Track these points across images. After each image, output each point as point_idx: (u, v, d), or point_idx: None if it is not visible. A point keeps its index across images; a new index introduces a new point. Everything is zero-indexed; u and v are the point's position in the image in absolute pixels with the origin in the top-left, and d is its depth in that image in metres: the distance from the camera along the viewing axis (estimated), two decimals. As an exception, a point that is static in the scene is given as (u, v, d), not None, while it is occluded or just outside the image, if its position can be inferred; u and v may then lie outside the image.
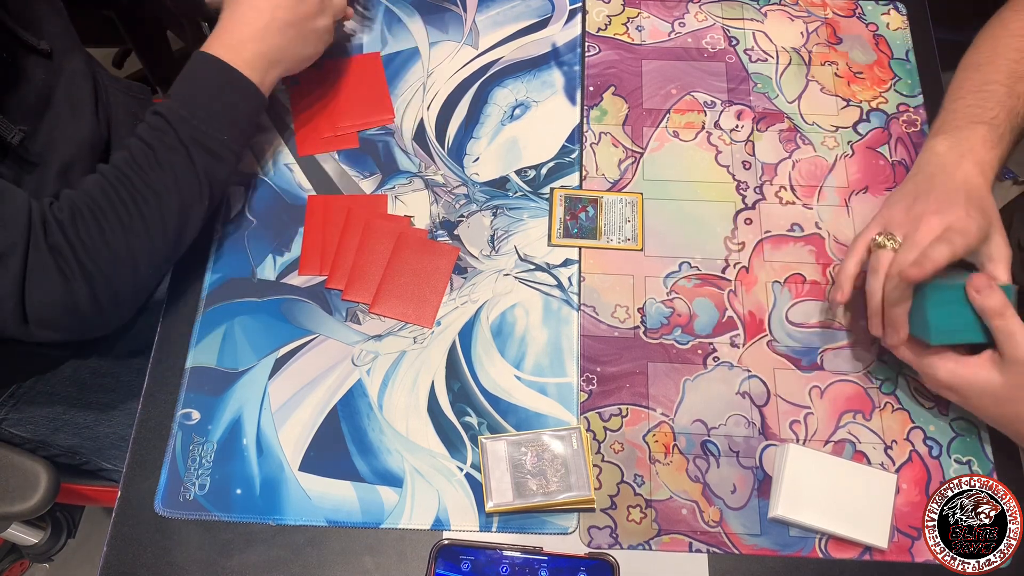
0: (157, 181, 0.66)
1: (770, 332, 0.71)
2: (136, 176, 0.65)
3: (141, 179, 0.65)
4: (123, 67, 1.78)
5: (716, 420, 0.68)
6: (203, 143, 0.68)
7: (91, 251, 0.63)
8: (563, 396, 0.69)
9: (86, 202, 0.64)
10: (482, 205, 0.77)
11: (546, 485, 0.64)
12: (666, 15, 0.87)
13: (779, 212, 0.77)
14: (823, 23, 0.86)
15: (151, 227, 0.66)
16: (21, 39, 0.72)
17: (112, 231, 0.64)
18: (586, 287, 0.73)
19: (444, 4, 0.89)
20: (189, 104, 0.68)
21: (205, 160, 0.68)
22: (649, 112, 0.82)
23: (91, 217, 0.64)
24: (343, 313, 0.73)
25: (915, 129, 0.80)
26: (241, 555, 0.64)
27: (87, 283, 0.63)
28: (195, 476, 0.66)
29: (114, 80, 0.89)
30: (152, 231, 0.66)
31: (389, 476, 0.66)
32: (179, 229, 0.68)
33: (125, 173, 0.65)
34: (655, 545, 0.64)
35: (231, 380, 0.70)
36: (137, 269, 0.66)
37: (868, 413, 0.68)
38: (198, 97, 0.69)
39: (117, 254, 0.64)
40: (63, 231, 0.63)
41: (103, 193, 0.65)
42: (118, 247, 0.64)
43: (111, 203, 0.64)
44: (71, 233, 0.63)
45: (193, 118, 0.67)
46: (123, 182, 0.65)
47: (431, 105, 0.83)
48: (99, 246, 0.63)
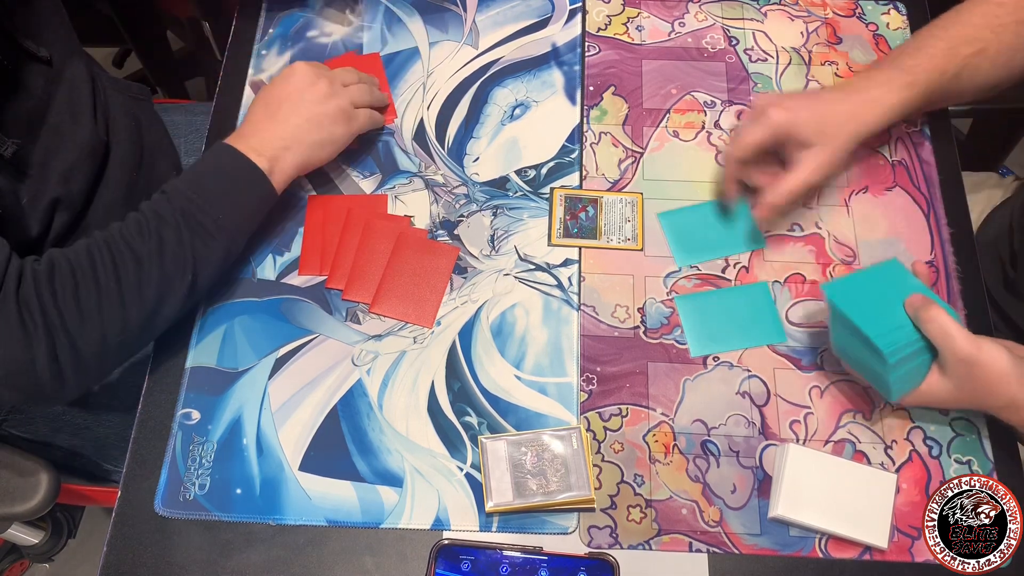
0: (141, 247, 0.64)
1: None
2: (122, 241, 0.64)
3: (127, 244, 0.63)
4: (123, 67, 1.78)
5: (716, 420, 0.68)
6: (195, 217, 0.66)
7: (60, 305, 0.60)
8: (563, 396, 0.69)
9: (68, 260, 0.62)
10: (482, 205, 0.77)
11: (546, 485, 0.64)
12: (666, 15, 0.87)
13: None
14: (823, 23, 0.86)
15: (126, 293, 0.62)
16: (22, 47, 0.72)
17: (86, 290, 0.61)
18: (586, 287, 0.73)
19: (444, 4, 0.89)
20: (194, 182, 0.68)
21: (193, 234, 0.65)
22: (649, 112, 0.82)
23: (68, 274, 0.61)
24: (343, 313, 0.73)
25: (915, 129, 0.80)
26: (241, 555, 0.64)
27: (48, 339, 0.59)
28: (195, 476, 0.66)
29: (113, 81, 0.89)
30: (126, 297, 0.62)
31: (389, 476, 0.66)
32: (156, 302, 0.64)
33: (114, 238, 0.64)
34: (655, 545, 0.64)
35: (231, 380, 0.70)
36: (104, 335, 0.62)
37: (868, 413, 0.68)
38: (205, 176, 0.68)
39: (85, 313, 0.61)
40: (36, 285, 0.60)
41: (87, 254, 0.62)
42: (88, 306, 0.61)
43: (92, 264, 0.62)
44: (44, 288, 0.60)
45: (193, 192, 0.67)
46: (109, 246, 0.63)
47: (431, 105, 0.83)
48: (68, 302, 0.60)
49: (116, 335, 0.62)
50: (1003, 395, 0.58)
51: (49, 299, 0.60)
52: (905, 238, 0.75)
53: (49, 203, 0.73)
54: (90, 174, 0.78)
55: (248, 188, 0.69)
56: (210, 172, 0.69)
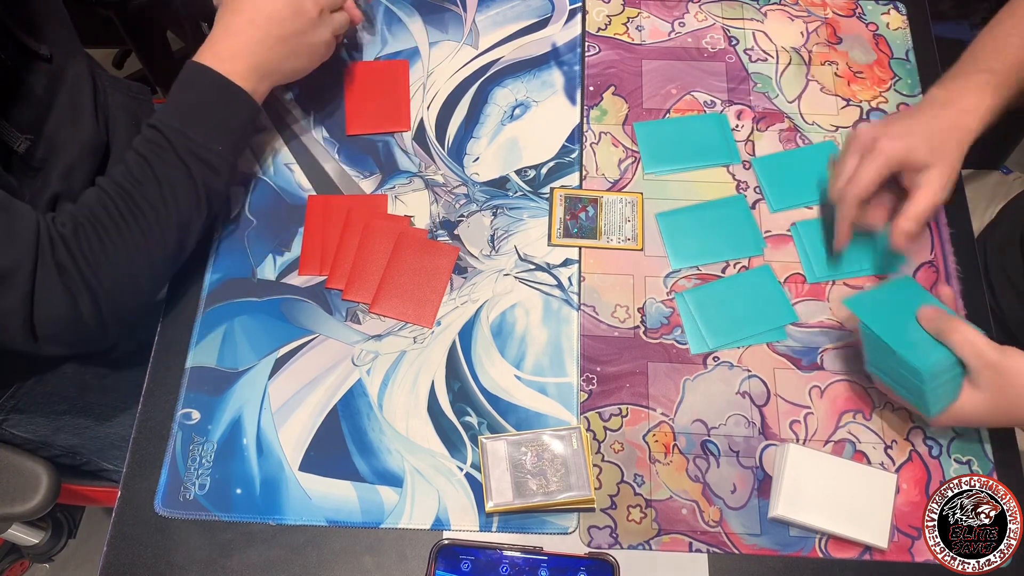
0: (156, 196, 0.66)
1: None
2: (135, 191, 0.66)
3: (140, 194, 0.66)
4: (123, 67, 1.79)
5: (716, 420, 0.68)
6: (200, 156, 0.68)
7: (95, 268, 0.64)
8: (563, 396, 0.69)
9: (88, 217, 0.65)
10: (482, 205, 0.77)
11: (546, 485, 0.64)
12: (666, 15, 0.87)
13: (779, 212, 0.77)
14: (823, 23, 0.86)
15: (151, 242, 0.66)
16: (24, 45, 0.72)
17: (114, 247, 0.64)
18: (586, 287, 0.73)
19: (444, 4, 0.89)
20: (185, 116, 0.68)
21: (202, 173, 0.68)
22: (649, 112, 0.82)
23: (93, 233, 0.64)
24: (343, 313, 0.73)
25: (915, 129, 0.80)
26: (241, 555, 0.64)
27: (92, 299, 0.64)
28: (195, 476, 0.66)
29: (114, 81, 0.89)
30: (152, 246, 0.66)
31: (389, 476, 0.66)
32: (179, 242, 0.68)
33: (124, 188, 0.66)
34: (655, 545, 0.64)
35: (231, 380, 0.70)
36: (139, 283, 0.67)
37: (868, 413, 0.68)
38: (193, 109, 0.69)
39: (119, 270, 0.65)
40: (67, 248, 0.63)
41: (104, 209, 0.65)
42: (120, 263, 0.65)
43: (112, 219, 0.65)
44: (75, 250, 0.63)
45: (189, 130, 0.67)
46: (123, 197, 0.65)
47: (431, 105, 0.83)
48: (102, 263, 0.64)
49: (148, 278, 0.68)
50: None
51: (83, 260, 0.63)
52: (905, 238, 0.75)
53: (49, 200, 0.73)
54: (91, 172, 0.78)
55: (238, 112, 0.71)
56: (202, 104, 0.69)
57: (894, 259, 0.73)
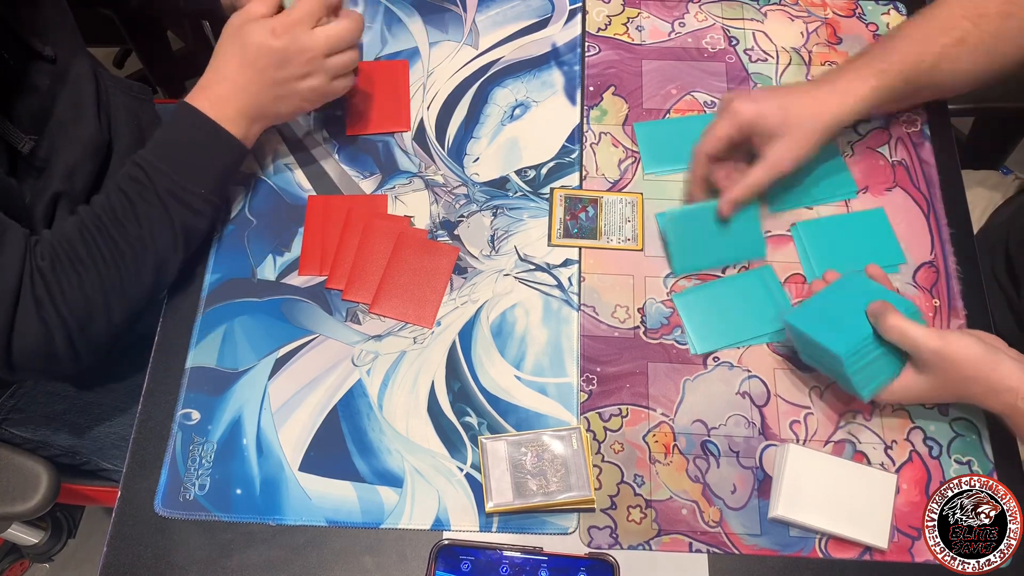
0: (135, 235, 0.67)
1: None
2: (114, 228, 0.66)
3: (119, 232, 0.66)
4: (123, 67, 1.79)
5: (716, 420, 0.68)
6: (180, 198, 0.68)
7: (71, 304, 0.65)
8: (563, 396, 0.69)
9: (66, 251, 0.65)
10: (482, 205, 0.77)
11: (546, 485, 0.64)
12: (666, 15, 0.87)
13: (780, 212, 0.77)
14: (823, 23, 0.86)
15: (127, 281, 0.67)
16: (28, 45, 0.72)
17: (91, 285, 0.65)
18: (586, 287, 0.73)
19: (444, 4, 0.89)
20: (169, 157, 0.68)
21: (181, 215, 0.69)
22: (649, 112, 0.82)
23: (72, 269, 0.65)
24: (343, 313, 0.73)
25: (915, 129, 0.80)
26: (241, 555, 0.64)
27: (66, 335, 0.65)
28: (195, 476, 0.66)
29: (115, 80, 0.89)
30: (128, 284, 0.67)
31: (389, 476, 0.66)
32: (155, 281, 0.69)
33: (104, 224, 0.66)
34: (655, 545, 0.64)
35: (231, 380, 0.70)
36: (112, 318, 0.67)
37: (868, 413, 0.68)
38: (179, 150, 0.69)
39: (94, 305, 0.66)
40: (45, 282, 0.64)
41: (84, 244, 0.66)
42: (95, 300, 0.66)
43: (90, 254, 0.66)
44: (52, 285, 0.64)
45: (172, 171, 0.68)
46: (102, 233, 0.66)
47: (431, 105, 0.83)
48: (77, 298, 0.65)
49: (121, 313, 0.68)
50: (979, 382, 0.58)
51: (60, 296, 0.64)
52: (905, 238, 0.75)
53: (51, 199, 0.73)
54: (93, 172, 0.78)
55: (223, 156, 0.71)
56: (188, 145, 0.69)
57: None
